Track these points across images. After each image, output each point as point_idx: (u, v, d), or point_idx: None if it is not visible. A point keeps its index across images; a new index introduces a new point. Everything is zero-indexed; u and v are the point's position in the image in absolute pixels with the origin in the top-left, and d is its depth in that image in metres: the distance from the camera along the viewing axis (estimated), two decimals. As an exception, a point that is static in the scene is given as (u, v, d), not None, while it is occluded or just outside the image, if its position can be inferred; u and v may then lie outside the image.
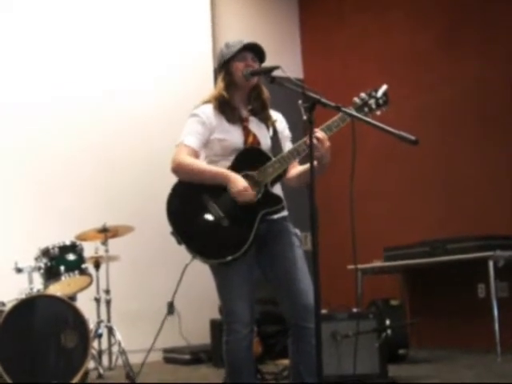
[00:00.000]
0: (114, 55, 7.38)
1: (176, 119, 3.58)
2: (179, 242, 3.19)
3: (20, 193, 6.61)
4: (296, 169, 3.37)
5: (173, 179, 3.31)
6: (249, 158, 3.26)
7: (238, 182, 3.16)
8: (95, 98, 7.14)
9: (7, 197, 6.54)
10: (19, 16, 6.92)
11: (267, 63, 3.34)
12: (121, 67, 7.39)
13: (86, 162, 6.95)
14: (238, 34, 6.66)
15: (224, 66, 3.37)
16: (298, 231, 3.41)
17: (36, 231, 6.27)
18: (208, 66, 7.26)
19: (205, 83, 3.62)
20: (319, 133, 3.13)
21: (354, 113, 3.06)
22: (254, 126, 3.38)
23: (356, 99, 3.19)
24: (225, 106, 3.33)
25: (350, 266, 6.53)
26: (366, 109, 3.16)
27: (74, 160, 6.89)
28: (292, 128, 3.53)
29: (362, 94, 3.20)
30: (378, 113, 3.19)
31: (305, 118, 2.84)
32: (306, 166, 3.30)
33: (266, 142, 3.35)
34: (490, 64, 6.49)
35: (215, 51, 3.31)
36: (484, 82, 6.51)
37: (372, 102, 3.19)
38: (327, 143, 3.13)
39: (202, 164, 3.30)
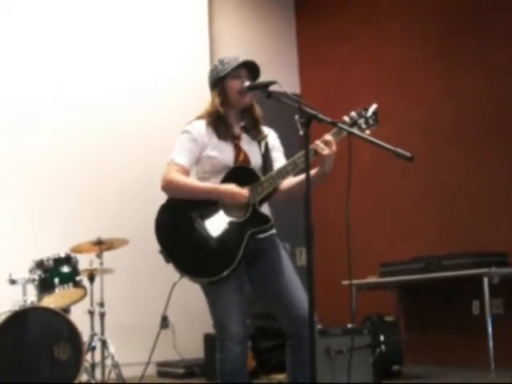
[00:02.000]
0: (112, 60, 7.39)
1: (174, 132, 3.58)
2: (167, 261, 3.20)
3: (14, 204, 6.59)
4: (288, 180, 3.36)
5: (168, 192, 3.31)
6: (238, 177, 3.27)
7: (228, 189, 3.19)
8: (90, 109, 7.14)
9: (1, 208, 6.52)
10: (19, 17, 6.95)
11: (264, 77, 3.35)
12: (117, 78, 7.40)
13: (82, 174, 6.93)
14: (235, 50, 6.69)
15: (218, 83, 3.37)
16: (286, 244, 3.42)
17: (30, 243, 6.26)
18: (205, 78, 7.30)
19: (201, 95, 3.61)
20: (328, 136, 3.15)
21: (350, 129, 3.07)
22: (246, 143, 3.39)
23: (346, 118, 3.19)
24: (219, 123, 3.34)
25: (345, 282, 6.52)
26: (356, 128, 3.16)
27: (69, 172, 6.88)
28: (287, 144, 3.54)
29: (352, 113, 3.21)
30: (368, 132, 3.19)
31: (301, 133, 2.85)
32: (298, 177, 3.31)
33: (256, 160, 3.36)
34: (488, 76, 6.49)
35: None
36: (480, 95, 6.52)
37: (362, 121, 3.20)
38: (334, 147, 3.14)
39: (191, 181, 3.31)
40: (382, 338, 5.61)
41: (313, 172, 2.99)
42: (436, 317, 6.75)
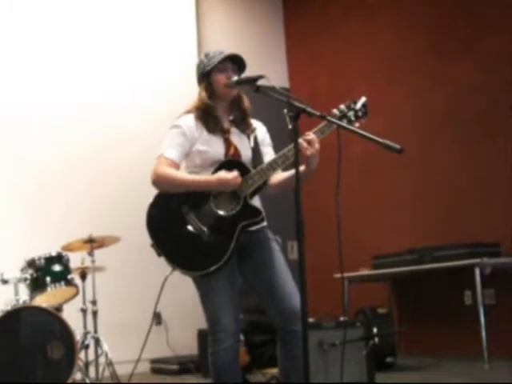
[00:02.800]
0: (103, 63, 7.40)
1: (161, 130, 3.58)
2: (159, 255, 3.20)
3: (5, 204, 6.58)
4: (278, 175, 3.37)
5: (159, 189, 3.30)
6: (229, 170, 3.26)
7: (224, 178, 3.18)
8: (82, 109, 7.14)
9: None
10: (19, 18, 6.95)
11: (252, 71, 3.33)
12: (106, 77, 7.40)
13: (73, 173, 6.93)
14: (223, 43, 6.68)
15: (205, 77, 3.38)
16: (278, 237, 3.42)
17: (22, 242, 6.25)
18: (193, 76, 7.29)
19: (189, 94, 3.61)
20: (310, 135, 3.14)
21: (340, 122, 3.07)
22: (235, 137, 3.39)
23: (335, 111, 3.20)
24: (207, 116, 3.35)
25: (337, 275, 6.53)
26: (345, 121, 3.17)
27: (60, 171, 6.87)
28: (275, 137, 3.53)
29: (341, 106, 3.23)
30: (357, 125, 3.19)
31: (290, 127, 2.84)
32: (288, 172, 3.31)
33: (246, 154, 3.37)
34: (475, 68, 6.51)
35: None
36: (470, 87, 6.53)
37: (351, 114, 3.22)
38: (317, 145, 3.14)
39: (182, 174, 3.31)
40: (375, 330, 5.62)
41: (300, 169, 2.98)
42: (429, 308, 6.77)
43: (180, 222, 3.21)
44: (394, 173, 7.18)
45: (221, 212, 3.22)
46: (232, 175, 3.19)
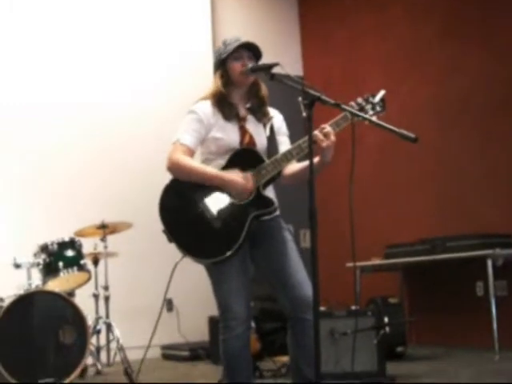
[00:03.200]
0: (114, 57, 7.40)
1: (174, 118, 3.58)
2: (170, 240, 3.20)
3: (19, 189, 6.60)
4: (292, 166, 3.36)
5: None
6: (243, 159, 3.26)
7: (235, 182, 3.18)
8: (94, 98, 7.16)
9: (6, 193, 6.53)
10: (23, 18, 6.94)
11: (267, 60, 3.33)
12: (121, 69, 7.41)
13: (85, 158, 6.95)
14: (238, 32, 6.65)
15: (221, 64, 3.37)
16: (290, 226, 3.42)
17: (35, 227, 6.28)
18: (208, 66, 7.27)
19: (205, 83, 3.61)
20: (326, 127, 3.13)
21: (354, 110, 3.06)
22: (251, 125, 3.37)
23: (353, 103, 3.18)
24: (223, 103, 3.33)
25: (349, 264, 6.53)
26: (363, 114, 3.14)
27: (72, 157, 6.89)
28: (290, 126, 3.52)
29: (359, 99, 3.21)
30: (374, 118, 3.17)
31: (304, 114, 2.83)
32: (302, 163, 3.30)
33: (261, 143, 3.35)
34: (492, 55, 6.44)
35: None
36: (486, 75, 6.47)
37: (369, 107, 3.20)
38: (333, 137, 3.13)
39: (197, 165, 3.29)
40: (386, 319, 5.62)
41: (314, 160, 2.96)
42: (440, 298, 6.75)
43: (192, 209, 3.21)
44: (407, 162, 7.15)
45: (233, 201, 3.22)
46: (244, 184, 3.19)
